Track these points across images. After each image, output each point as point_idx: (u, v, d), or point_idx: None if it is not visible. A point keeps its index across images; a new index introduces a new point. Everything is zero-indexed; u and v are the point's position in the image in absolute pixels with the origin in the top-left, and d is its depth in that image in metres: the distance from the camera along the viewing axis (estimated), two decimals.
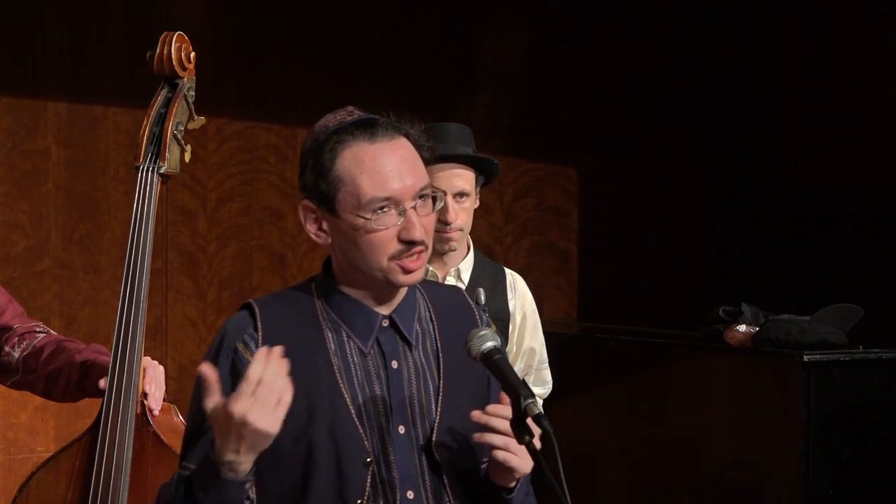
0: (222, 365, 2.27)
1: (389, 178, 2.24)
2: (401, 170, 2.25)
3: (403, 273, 2.27)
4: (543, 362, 3.87)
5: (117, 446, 2.83)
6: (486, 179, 3.71)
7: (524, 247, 6.55)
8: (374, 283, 2.29)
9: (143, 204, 2.93)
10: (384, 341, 2.32)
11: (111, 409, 2.84)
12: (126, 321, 2.87)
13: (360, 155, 2.25)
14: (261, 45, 5.87)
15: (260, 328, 2.29)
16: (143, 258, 2.90)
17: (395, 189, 2.24)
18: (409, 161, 2.28)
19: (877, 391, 4.68)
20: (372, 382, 2.29)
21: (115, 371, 2.85)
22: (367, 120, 2.30)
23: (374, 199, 2.23)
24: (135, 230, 2.91)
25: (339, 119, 2.31)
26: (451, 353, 2.36)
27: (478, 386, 2.39)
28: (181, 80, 3.02)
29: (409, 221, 2.25)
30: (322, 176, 2.27)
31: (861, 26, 6.55)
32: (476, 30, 6.42)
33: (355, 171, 2.25)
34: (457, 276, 3.68)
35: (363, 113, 2.32)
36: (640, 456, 5.20)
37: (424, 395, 2.32)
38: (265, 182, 5.90)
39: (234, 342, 2.29)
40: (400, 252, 2.25)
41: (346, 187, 2.25)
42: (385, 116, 2.32)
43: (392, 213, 2.24)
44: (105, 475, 2.83)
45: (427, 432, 2.30)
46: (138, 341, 2.87)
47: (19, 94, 5.40)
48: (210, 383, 2.14)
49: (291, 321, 2.31)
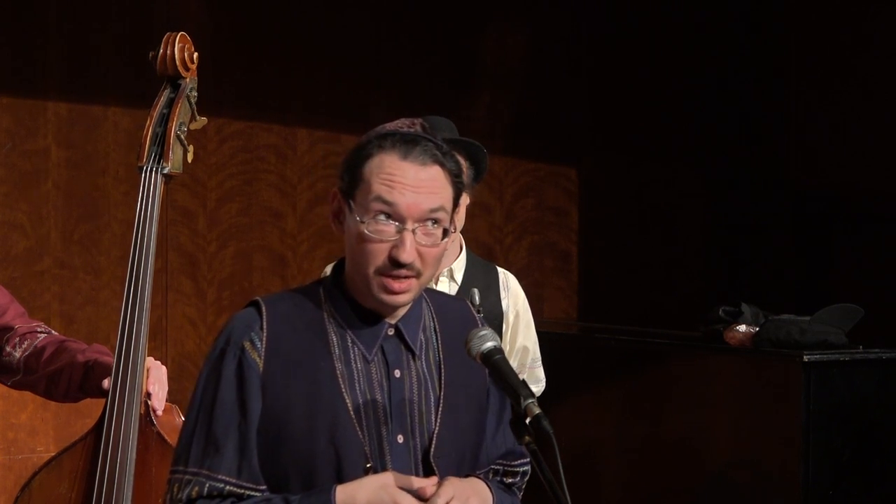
0: (228, 363, 2.27)
1: (398, 190, 2.23)
2: (415, 188, 2.23)
3: (385, 291, 2.25)
4: (537, 360, 3.87)
5: (121, 446, 2.83)
6: (476, 173, 3.68)
7: (524, 247, 6.55)
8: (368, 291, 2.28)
9: (146, 204, 2.92)
10: (388, 350, 2.31)
11: (115, 409, 2.83)
12: (129, 321, 2.87)
13: (387, 164, 2.25)
14: (261, 45, 5.87)
15: (265, 327, 2.28)
16: (147, 258, 2.90)
17: (398, 200, 2.22)
18: (427, 184, 2.25)
19: (877, 391, 4.68)
20: (374, 390, 2.29)
21: (119, 371, 2.84)
22: (413, 138, 2.28)
23: (376, 200, 2.23)
24: (138, 230, 2.90)
25: (395, 127, 2.30)
26: (453, 364, 2.36)
27: (477, 396, 2.39)
28: (184, 80, 3.02)
29: (402, 241, 2.22)
30: (351, 170, 2.28)
31: (861, 27, 6.55)
32: (476, 30, 6.43)
33: (375, 175, 2.25)
34: (450, 276, 3.67)
35: (421, 131, 2.30)
36: (640, 456, 5.20)
37: (425, 404, 2.32)
38: (265, 182, 5.90)
39: (241, 340, 2.28)
40: (385, 269, 2.23)
41: (363, 186, 2.25)
42: (434, 143, 2.29)
43: (390, 227, 2.23)
44: (109, 475, 2.83)
45: (426, 442, 2.30)
46: (142, 341, 2.86)
47: (19, 94, 5.40)
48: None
49: (298, 322, 2.30)
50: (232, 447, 2.24)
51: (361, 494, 2.20)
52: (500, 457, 2.45)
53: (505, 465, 2.47)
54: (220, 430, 2.25)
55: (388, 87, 5.95)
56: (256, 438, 2.25)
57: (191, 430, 2.29)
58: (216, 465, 2.25)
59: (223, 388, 2.26)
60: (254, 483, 2.25)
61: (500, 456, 2.45)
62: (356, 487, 2.20)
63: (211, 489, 2.24)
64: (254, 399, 2.25)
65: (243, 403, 2.25)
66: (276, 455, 2.24)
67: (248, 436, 2.24)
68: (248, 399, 2.25)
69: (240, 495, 2.25)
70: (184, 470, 2.28)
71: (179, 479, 2.27)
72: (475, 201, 3.80)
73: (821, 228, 6.79)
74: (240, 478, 2.24)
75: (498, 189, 6.41)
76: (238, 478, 2.24)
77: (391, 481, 2.20)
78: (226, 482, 2.24)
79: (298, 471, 2.25)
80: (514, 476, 2.49)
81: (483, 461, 2.40)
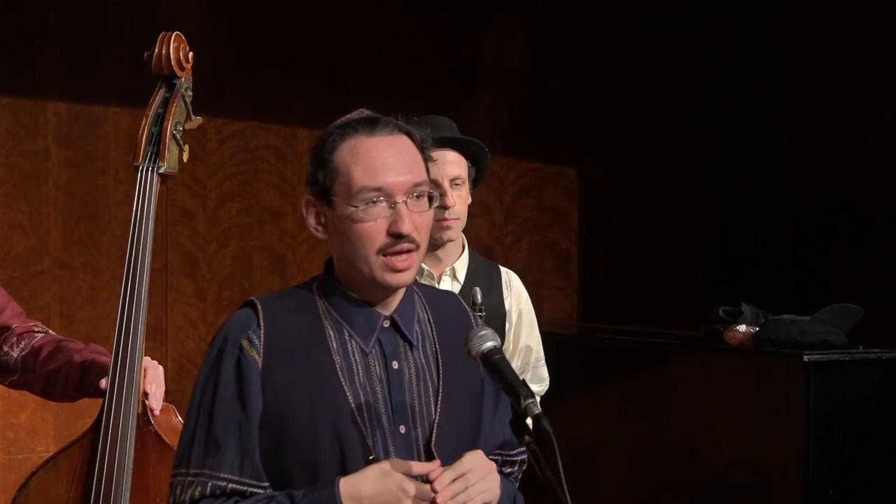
0: (227, 362, 2.27)
1: (382, 170, 2.25)
2: (395, 163, 2.27)
3: (391, 272, 2.26)
4: (540, 360, 3.86)
5: (119, 446, 2.83)
6: (477, 174, 3.69)
7: (524, 247, 6.55)
8: (367, 281, 2.29)
9: (142, 203, 2.93)
10: (385, 341, 2.32)
11: (113, 409, 2.83)
12: (126, 321, 2.87)
13: (357, 147, 2.27)
14: (261, 45, 5.87)
15: (262, 325, 2.29)
16: (144, 258, 2.90)
17: (386, 181, 2.25)
18: (405, 156, 2.28)
19: (877, 391, 4.68)
20: (373, 382, 2.29)
21: (117, 371, 2.84)
22: (370, 118, 2.32)
23: (364, 189, 2.24)
24: (135, 230, 2.91)
25: (348, 118, 2.34)
26: (449, 356, 2.37)
27: (473, 389, 2.40)
28: (179, 80, 3.02)
29: (398, 214, 2.25)
30: (321, 167, 2.29)
31: (861, 26, 6.55)
32: (476, 30, 6.43)
33: (350, 162, 2.27)
34: (452, 276, 3.67)
35: (372, 113, 2.34)
36: (640, 456, 5.20)
37: (424, 395, 2.33)
38: (265, 182, 5.90)
39: (239, 338, 2.28)
40: (387, 246, 2.25)
41: (340, 177, 2.27)
42: (393, 118, 2.34)
43: (383, 205, 2.25)
44: (107, 475, 2.83)
45: (427, 432, 2.31)
46: (139, 341, 2.86)
47: (19, 94, 5.40)
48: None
49: (294, 319, 2.31)
50: (233, 445, 2.24)
51: (366, 484, 2.20)
52: (498, 447, 2.46)
53: (503, 455, 2.48)
54: (221, 429, 2.25)
55: (388, 87, 5.94)
56: (259, 436, 2.25)
57: (191, 431, 2.29)
58: (218, 463, 2.25)
59: (222, 387, 2.26)
60: (257, 480, 2.25)
61: (498, 446, 2.46)
62: (359, 478, 2.21)
63: (214, 488, 2.24)
64: (254, 396, 2.25)
65: (243, 401, 2.25)
66: (280, 451, 2.25)
67: (250, 433, 2.24)
68: (248, 396, 2.25)
69: (243, 493, 2.25)
70: (186, 472, 2.27)
71: (182, 482, 2.27)
72: (475, 201, 3.80)
73: (821, 228, 6.79)
74: (242, 475, 2.24)
75: (498, 189, 6.41)
76: (240, 475, 2.24)
77: (392, 468, 2.21)
78: (228, 480, 2.24)
79: (302, 466, 2.25)
80: (513, 465, 2.51)
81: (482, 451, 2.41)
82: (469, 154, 3.61)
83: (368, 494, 2.20)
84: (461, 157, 3.59)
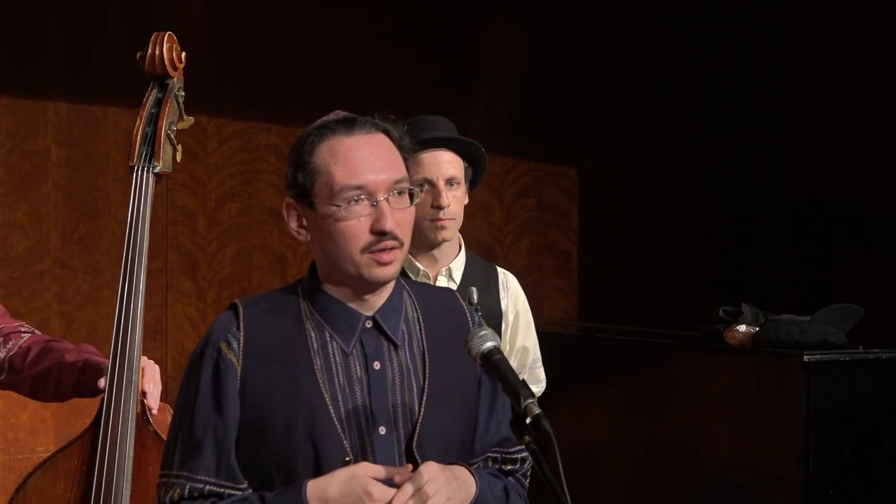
0: (206, 365, 2.29)
1: (362, 168, 2.27)
2: (375, 161, 2.28)
3: (377, 266, 2.27)
4: (537, 361, 3.86)
5: (118, 445, 2.83)
6: (475, 175, 3.69)
7: (524, 247, 6.55)
8: (351, 280, 2.30)
9: (138, 203, 2.93)
10: (367, 342, 2.32)
11: (112, 409, 2.84)
12: (124, 320, 2.87)
13: (336, 146, 2.29)
14: (261, 45, 5.87)
15: (242, 328, 2.30)
16: (140, 257, 2.90)
17: (367, 179, 2.26)
18: (384, 154, 2.30)
19: (877, 391, 4.68)
20: (353, 383, 2.30)
21: (115, 370, 2.84)
22: (347, 118, 2.34)
23: (345, 188, 2.25)
24: (131, 229, 2.91)
25: (324, 119, 2.35)
26: (438, 354, 2.36)
27: (466, 387, 2.39)
28: (171, 80, 3.03)
29: (381, 212, 2.26)
30: (300, 168, 2.30)
31: (861, 26, 6.55)
32: (476, 30, 6.43)
33: (330, 162, 2.28)
34: (448, 276, 3.66)
35: (348, 114, 2.36)
36: (640, 456, 5.20)
37: (408, 395, 2.32)
38: (265, 182, 5.90)
39: (217, 342, 2.30)
40: (371, 244, 2.26)
41: (321, 178, 2.28)
42: (370, 117, 2.36)
43: (364, 204, 2.26)
44: (107, 474, 2.83)
45: (409, 433, 2.31)
46: (137, 340, 2.86)
47: (19, 94, 5.40)
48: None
49: (275, 321, 2.32)
50: (209, 448, 2.27)
51: (333, 486, 2.22)
52: (497, 444, 2.45)
53: (503, 453, 2.47)
54: (199, 432, 2.28)
55: (388, 87, 5.94)
56: (240, 437, 2.27)
57: (174, 433, 2.33)
58: (196, 465, 2.28)
59: (201, 391, 2.29)
60: (233, 482, 2.28)
61: (497, 444, 2.45)
62: (328, 480, 2.23)
63: (192, 490, 2.28)
64: (230, 399, 2.27)
65: (219, 404, 2.27)
66: (259, 452, 2.27)
67: (225, 436, 2.27)
68: (224, 399, 2.27)
69: (220, 494, 2.28)
70: (168, 473, 2.32)
71: (165, 483, 2.31)
72: (475, 201, 3.80)
73: (821, 228, 6.79)
74: (219, 477, 2.27)
75: (498, 189, 6.41)
76: (217, 477, 2.27)
77: (362, 471, 2.22)
78: (205, 482, 2.28)
79: (280, 467, 2.27)
80: (514, 463, 2.49)
81: (478, 450, 2.41)
82: (465, 154, 3.61)
83: (335, 496, 2.21)
84: (457, 157, 3.59)
